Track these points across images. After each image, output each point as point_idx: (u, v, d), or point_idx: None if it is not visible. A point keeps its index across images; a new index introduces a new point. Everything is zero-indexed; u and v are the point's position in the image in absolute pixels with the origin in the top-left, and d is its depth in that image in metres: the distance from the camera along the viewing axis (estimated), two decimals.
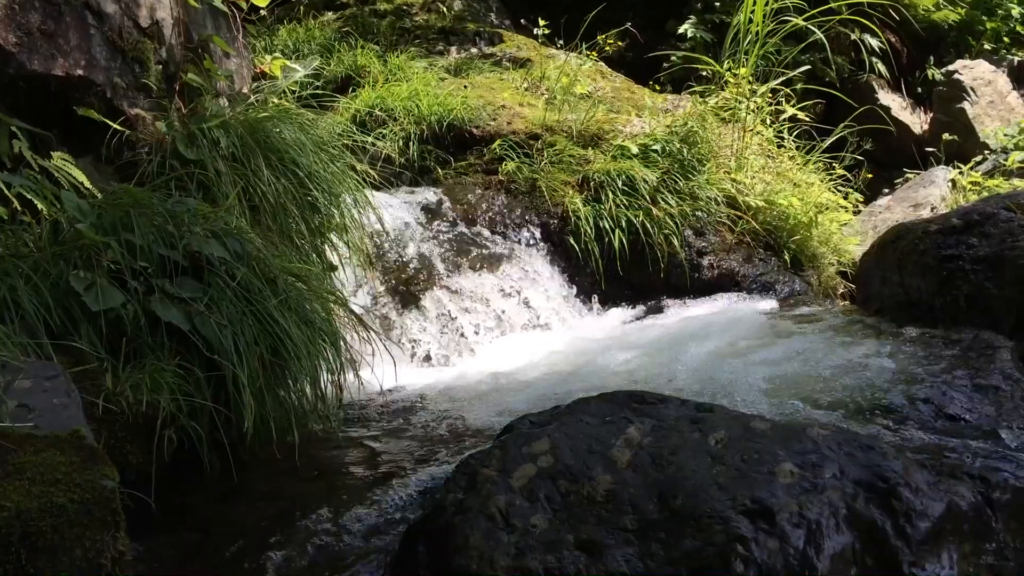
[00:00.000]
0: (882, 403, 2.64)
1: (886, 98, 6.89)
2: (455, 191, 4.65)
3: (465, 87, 5.41)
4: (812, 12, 5.00)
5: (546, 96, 5.41)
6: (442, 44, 6.38)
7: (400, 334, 3.70)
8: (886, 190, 6.24)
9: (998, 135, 6.31)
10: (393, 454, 2.63)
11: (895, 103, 6.96)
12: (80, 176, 2.74)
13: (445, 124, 4.98)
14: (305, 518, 2.21)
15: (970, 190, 5.61)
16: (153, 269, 2.41)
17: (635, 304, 4.39)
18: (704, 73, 5.43)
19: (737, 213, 4.65)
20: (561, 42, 6.37)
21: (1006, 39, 7.51)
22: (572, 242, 4.41)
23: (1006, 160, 5.88)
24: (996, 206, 3.47)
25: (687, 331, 3.83)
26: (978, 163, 6.10)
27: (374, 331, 3.04)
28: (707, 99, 5.17)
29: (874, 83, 6.86)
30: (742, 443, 1.92)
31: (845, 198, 5.25)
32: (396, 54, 5.80)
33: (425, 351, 3.69)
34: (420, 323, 3.79)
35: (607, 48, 6.26)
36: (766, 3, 4.95)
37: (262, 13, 6.36)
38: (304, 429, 2.62)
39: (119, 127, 3.04)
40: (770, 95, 5.18)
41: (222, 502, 2.29)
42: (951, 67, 6.93)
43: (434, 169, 4.89)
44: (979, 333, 3.15)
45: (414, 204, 4.47)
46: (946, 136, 6.52)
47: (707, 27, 6.68)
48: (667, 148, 4.74)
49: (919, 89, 7.26)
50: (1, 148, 2.64)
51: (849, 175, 5.29)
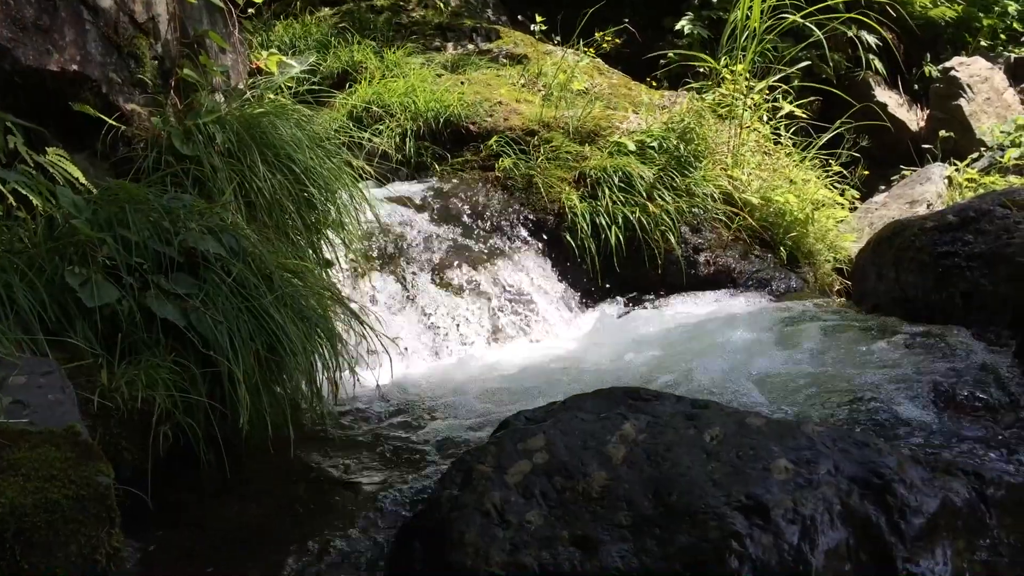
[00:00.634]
0: (877, 400, 2.64)
1: (883, 95, 6.90)
2: (452, 187, 4.64)
3: (462, 83, 5.40)
4: (810, 9, 5.00)
5: (543, 92, 5.40)
6: (439, 40, 6.37)
7: (395, 330, 3.70)
8: (882, 187, 6.25)
9: (994, 132, 6.31)
10: (388, 450, 2.63)
11: (892, 100, 6.96)
12: (75, 172, 2.74)
13: (442, 120, 4.97)
14: (300, 514, 2.22)
15: (966, 187, 5.61)
16: (148, 265, 2.41)
17: (631, 300, 4.39)
18: (701, 70, 5.43)
19: (733, 210, 4.65)
20: (558, 38, 6.37)
21: (1003, 36, 7.52)
22: (568, 238, 4.41)
23: (1002, 157, 5.88)
24: (992, 203, 3.48)
25: (683, 328, 3.83)
26: (974, 160, 6.10)
27: (369, 327, 3.04)
28: (704, 96, 5.17)
29: (871, 80, 6.86)
30: (737, 439, 1.92)
31: (841, 195, 5.25)
32: (393, 50, 5.79)
33: (420, 347, 3.69)
34: (415, 319, 3.79)
35: (604, 45, 6.26)
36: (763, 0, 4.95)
37: (257, 8, 6.37)
38: (300, 425, 2.62)
39: (114, 123, 3.03)
40: (767, 92, 5.18)
41: (217, 498, 2.29)
42: (948, 64, 6.93)
43: (431, 165, 4.89)
44: (974, 330, 3.16)
45: (410, 200, 4.47)
46: (942, 133, 6.52)
47: (704, 24, 6.67)
48: (664, 145, 4.74)
49: (916, 86, 7.27)
50: None
51: (845, 172, 5.29)
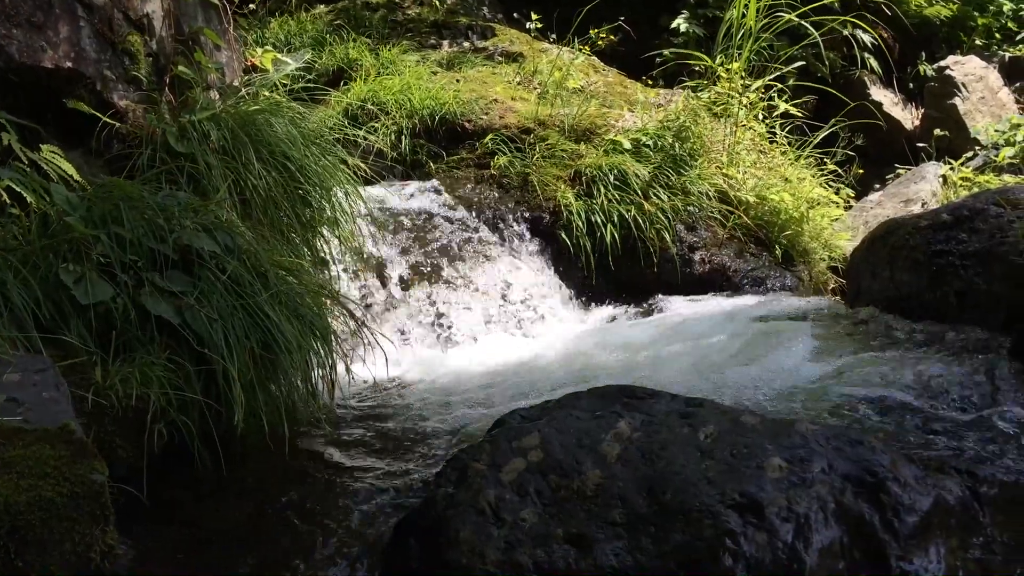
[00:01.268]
0: (871, 398, 2.65)
1: (878, 94, 6.91)
2: (447, 185, 4.64)
3: (457, 81, 5.39)
4: (805, 8, 5.01)
5: (538, 90, 5.40)
6: (434, 38, 6.36)
7: (390, 328, 3.70)
8: (877, 185, 6.26)
9: (989, 131, 6.32)
10: (383, 448, 2.63)
11: (887, 99, 6.97)
12: (69, 169, 2.73)
13: (437, 118, 4.97)
14: (295, 512, 2.22)
15: (961, 186, 5.63)
16: (143, 263, 2.40)
17: (626, 299, 4.39)
18: (697, 68, 5.43)
19: (729, 208, 4.65)
20: (554, 36, 6.37)
21: (997, 35, 7.53)
22: (564, 237, 4.41)
23: (996, 156, 5.89)
24: (986, 202, 3.49)
25: (678, 326, 3.84)
26: (969, 159, 6.11)
27: (365, 325, 3.04)
28: (700, 94, 5.17)
29: (866, 79, 6.87)
30: (731, 438, 1.92)
31: (836, 193, 5.26)
32: (388, 48, 5.78)
33: (415, 345, 3.69)
34: (409, 317, 3.79)
35: (600, 43, 6.26)
36: None
37: (252, 6, 6.36)
38: (295, 423, 2.62)
39: (109, 120, 3.02)
40: (762, 90, 5.18)
41: (212, 496, 2.29)
42: (942, 63, 6.94)
43: (426, 163, 4.89)
44: (969, 329, 3.17)
45: (405, 197, 4.47)
46: (937, 132, 6.53)
47: (700, 22, 6.67)
48: (659, 143, 4.75)
49: (911, 85, 7.28)
50: None
51: (840, 171, 5.30)
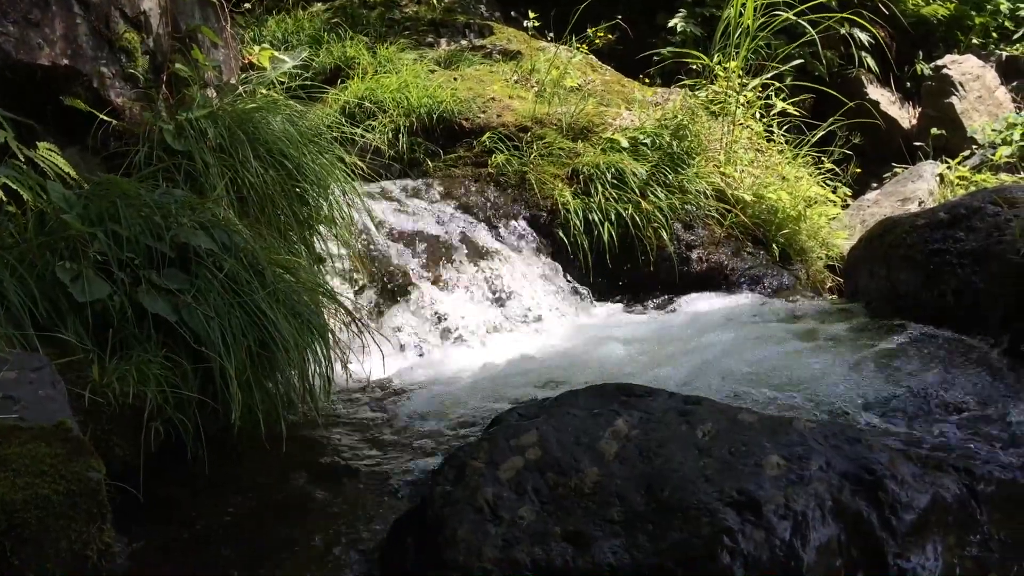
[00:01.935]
0: (868, 396, 2.65)
1: (875, 93, 6.91)
2: (444, 183, 4.63)
3: (455, 79, 5.39)
4: (802, 7, 5.01)
5: (536, 89, 5.40)
6: (432, 36, 6.35)
7: (388, 326, 3.69)
8: (874, 184, 6.26)
9: (986, 130, 6.32)
10: (381, 446, 2.63)
11: (884, 98, 6.97)
12: (66, 166, 2.72)
13: (435, 116, 4.96)
14: (292, 510, 2.21)
15: (958, 185, 5.63)
16: (140, 260, 2.40)
17: (624, 297, 4.40)
18: (694, 67, 5.43)
19: (726, 207, 4.66)
20: (551, 35, 6.36)
21: (995, 34, 7.54)
22: (561, 235, 4.41)
23: (993, 155, 5.89)
24: (983, 200, 3.49)
25: (675, 324, 3.84)
26: (966, 158, 6.12)
27: (362, 323, 3.03)
28: (697, 93, 5.17)
29: (863, 77, 6.87)
30: (729, 435, 1.92)
31: (834, 192, 5.27)
32: (386, 46, 5.77)
33: (413, 343, 3.68)
34: (407, 315, 3.78)
35: (597, 41, 6.25)
36: None
37: (249, 4, 6.35)
38: (292, 421, 2.61)
39: (106, 117, 3.02)
40: (760, 89, 5.18)
41: (209, 494, 2.29)
42: (940, 62, 6.94)
43: (423, 161, 4.88)
44: (966, 327, 3.17)
45: (402, 195, 4.46)
46: (934, 131, 6.53)
47: (697, 21, 6.67)
48: (657, 141, 4.75)
49: (908, 84, 7.28)
50: None
51: (838, 169, 5.30)
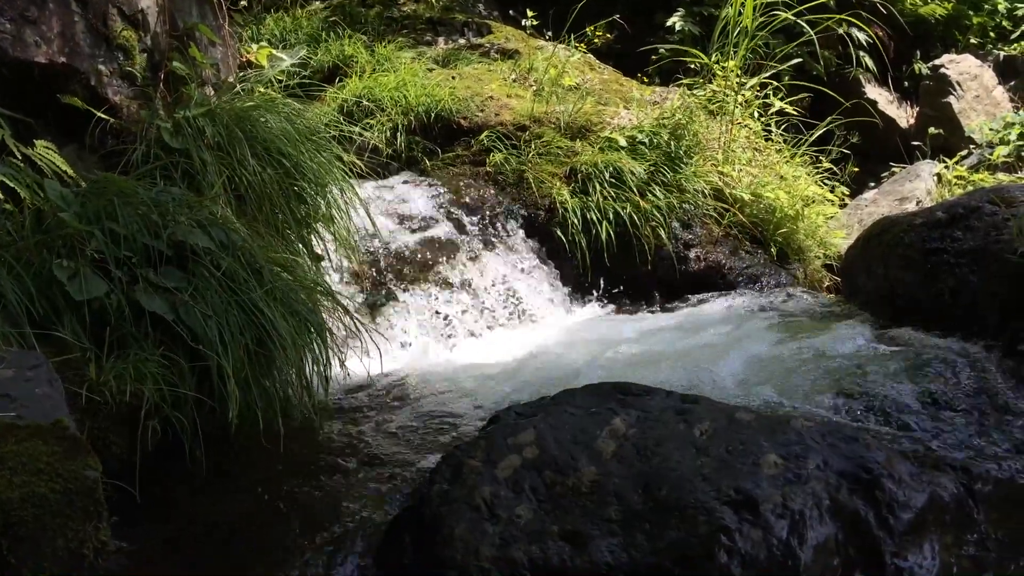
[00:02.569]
0: (866, 395, 2.65)
1: (873, 92, 6.92)
2: (442, 181, 4.63)
3: (453, 78, 5.38)
4: (801, 8, 5.01)
5: (534, 88, 5.39)
6: (430, 34, 6.35)
7: (385, 325, 3.69)
8: (872, 184, 6.26)
9: (983, 129, 6.33)
10: (378, 445, 2.63)
11: (882, 97, 6.98)
12: (63, 164, 2.72)
13: (433, 115, 4.96)
14: (289, 509, 2.21)
15: (955, 184, 5.64)
16: (137, 259, 2.39)
17: (622, 296, 4.40)
18: (692, 66, 5.43)
19: (724, 206, 4.66)
20: (549, 34, 6.35)
21: (992, 34, 7.55)
22: (559, 234, 4.40)
23: (991, 154, 5.90)
24: (981, 200, 3.49)
25: (673, 323, 3.84)
26: (963, 157, 6.12)
27: (360, 321, 3.03)
28: (695, 92, 5.17)
29: (861, 77, 6.88)
30: (727, 434, 1.92)
31: (831, 191, 5.27)
32: (384, 44, 5.77)
33: (410, 342, 3.68)
34: (405, 314, 3.78)
35: (595, 40, 6.25)
36: None
37: (247, 3, 6.34)
38: (289, 419, 2.61)
39: (103, 115, 3.01)
40: (758, 88, 5.18)
41: (206, 492, 2.29)
42: (937, 61, 6.95)
43: (421, 160, 4.88)
44: (963, 327, 3.17)
45: (401, 193, 4.46)
46: (932, 130, 6.54)
47: (695, 20, 6.67)
48: (655, 140, 4.75)
49: (906, 83, 7.29)
50: None
51: (835, 168, 5.31)
